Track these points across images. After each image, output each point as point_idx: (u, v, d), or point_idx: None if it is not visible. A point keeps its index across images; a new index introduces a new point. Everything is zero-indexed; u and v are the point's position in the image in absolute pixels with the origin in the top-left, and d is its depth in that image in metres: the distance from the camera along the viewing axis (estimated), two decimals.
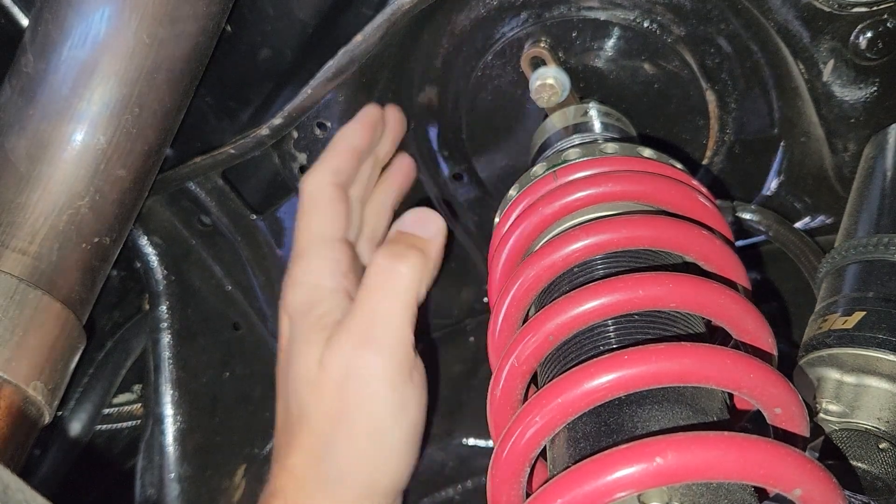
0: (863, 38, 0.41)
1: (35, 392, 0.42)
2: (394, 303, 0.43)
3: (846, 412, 0.35)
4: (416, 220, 0.46)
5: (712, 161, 0.52)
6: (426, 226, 0.46)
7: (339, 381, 0.43)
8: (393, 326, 0.43)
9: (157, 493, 0.57)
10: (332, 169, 0.49)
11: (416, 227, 0.46)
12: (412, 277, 0.43)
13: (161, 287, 0.58)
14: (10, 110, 0.44)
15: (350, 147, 0.50)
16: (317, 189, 0.48)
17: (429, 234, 0.45)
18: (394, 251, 0.44)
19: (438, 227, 0.46)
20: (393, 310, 0.43)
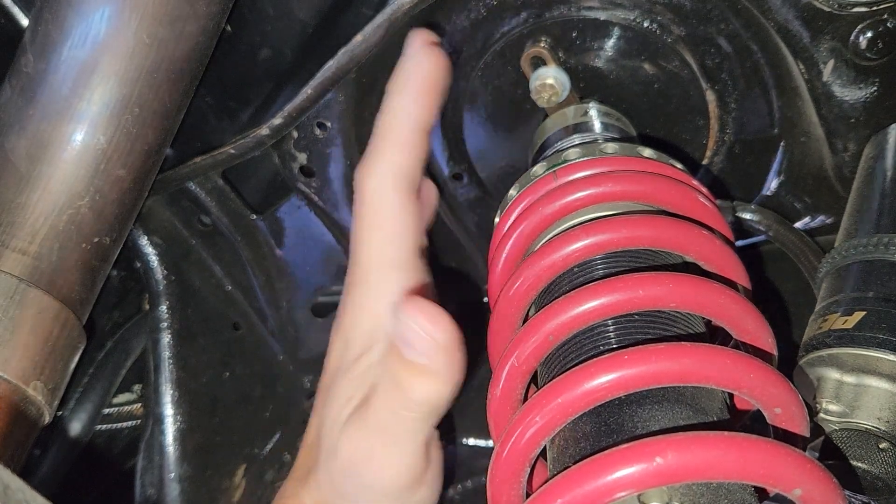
0: (863, 38, 0.41)
1: (35, 392, 0.42)
2: (397, 453, 0.38)
3: (846, 412, 0.35)
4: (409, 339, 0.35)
5: (712, 161, 0.52)
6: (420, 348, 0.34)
7: (349, 465, 0.39)
8: (396, 469, 0.38)
9: (157, 493, 0.57)
10: (396, 166, 0.40)
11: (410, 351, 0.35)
12: (418, 417, 0.37)
13: (161, 287, 0.58)
14: (10, 110, 0.44)
15: (412, 127, 0.39)
16: (379, 196, 0.39)
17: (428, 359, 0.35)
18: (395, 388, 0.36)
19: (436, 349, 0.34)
20: (396, 459, 0.38)
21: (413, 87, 0.40)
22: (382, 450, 0.38)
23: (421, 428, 0.37)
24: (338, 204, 0.56)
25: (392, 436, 0.37)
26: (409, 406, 0.36)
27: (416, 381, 0.35)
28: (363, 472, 0.39)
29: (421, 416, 0.36)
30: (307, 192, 0.56)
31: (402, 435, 0.37)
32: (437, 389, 0.35)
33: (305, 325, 0.64)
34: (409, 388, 0.35)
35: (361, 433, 0.38)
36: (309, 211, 0.58)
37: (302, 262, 0.62)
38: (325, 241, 0.61)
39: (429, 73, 0.40)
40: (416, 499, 0.40)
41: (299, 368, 0.66)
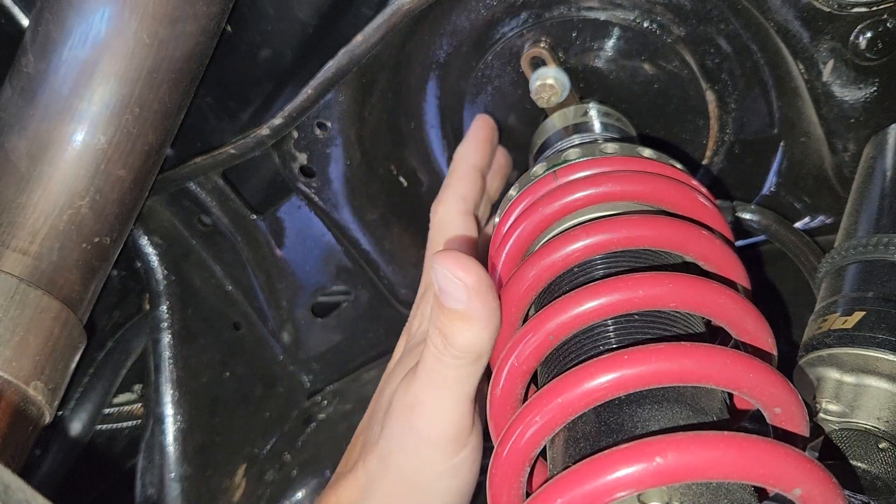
0: (862, 38, 0.41)
1: (35, 392, 0.42)
2: (444, 384, 0.39)
3: (846, 412, 0.35)
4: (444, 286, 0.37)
5: (712, 161, 0.52)
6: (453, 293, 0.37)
7: (394, 435, 0.42)
8: (443, 401, 0.39)
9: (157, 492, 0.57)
10: (460, 196, 0.49)
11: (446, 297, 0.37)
12: (455, 366, 0.38)
13: (161, 287, 0.58)
14: (11, 110, 0.44)
15: (471, 167, 0.50)
16: (447, 218, 0.48)
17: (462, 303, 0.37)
18: (438, 333, 0.38)
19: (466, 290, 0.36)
20: (444, 388, 0.39)
21: (473, 139, 0.51)
22: (431, 395, 0.40)
23: (466, 377, 0.39)
24: (338, 204, 0.56)
25: (440, 383, 0.40)
26: (453, 352, 0.38)
27: (455, 326, 0.37)
28: (414, 418, 0.40)
29: (465, 362, 0.38)
30: (307, 192, 0.56)
31: (449, 382, 0.39)
32: (475, 333, 0.37)
33: (305, 325, 0.64)
34: (451, 334, 0.38)
35: (412, 385, 0.41)
36: (309, 211, 0.58)
37: (302, 262, 0.62)
38: (325, 242, 0.61)
39: (484, 131, 0.52)
40: (460, 457, 0.41)
41: (299, 368, 0.66)
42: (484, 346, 0.38)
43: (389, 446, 0.42)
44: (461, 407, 0.40)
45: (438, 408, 0.40)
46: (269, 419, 0.64)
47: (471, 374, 0.39)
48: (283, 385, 0.66)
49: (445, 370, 0.39)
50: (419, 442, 0.40)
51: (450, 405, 0.40)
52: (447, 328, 0.38)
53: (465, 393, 0.40)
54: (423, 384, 0.40)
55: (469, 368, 0.39)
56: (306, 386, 0.67)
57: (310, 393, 0.67)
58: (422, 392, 0.40)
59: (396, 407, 0.41)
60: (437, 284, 0.38)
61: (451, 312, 0.37)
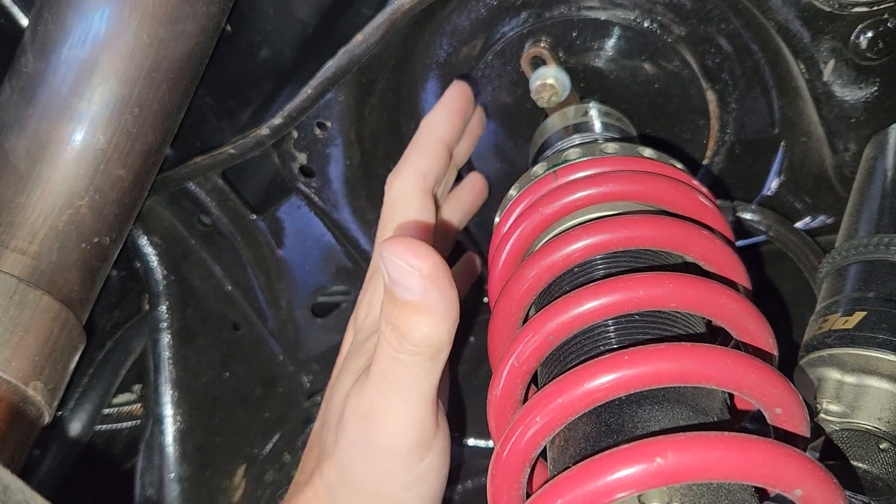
0: (863, 37, 0.41)
1: (35, 392, 0.42)
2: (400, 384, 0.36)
3: (847, 412, 0.35)
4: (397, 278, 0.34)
5: (713, 161, 0.52)
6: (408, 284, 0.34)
7: (353, 441, 0.38)
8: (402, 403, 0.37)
9: (156, 493, 0.57)
10: (418, 170, 0.44)
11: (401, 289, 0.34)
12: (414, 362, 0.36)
13: (161, 287, 0.58)
14: (10, 110, 0.44)
15: (437, 141, 0.45)
16: (401, 194, 0.44)
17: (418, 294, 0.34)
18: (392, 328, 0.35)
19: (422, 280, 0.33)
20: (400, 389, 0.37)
21: (444, 108, 0.47)
22: (388, 401, 0.36)
23: (425, 375, 0.36)
24: (338, 204, 0.56)
25: (397, 387, 0.36)
26: (409, 349, 0.35)
27: (411, 319, 0.34)
28: (371, 430, 0.37)
29: (423, 360, 0.35)
30: (307, 192, 0.56)
31: (407, 384, 0.36)
32: (433, 326, 0.34)
33: (305, 325, 0.64)
34: (406, 329, 0.34)
35: (366, 391, 0.37)
36: (309, 211, 0.58)
37: (302, 262, 0.62)
38: (325, 241, 0.61)
39: (458, 100, 0.47)
40: (424, 464, 0.38)
41: (299, 368, 0.66)
42: (443, 339, 0.35)
43: (347, 458, 0.39)
44: (422, 410, 0.36)
45: (397, 416, 0.36)
46: (269, 419, 0.64)
47: (430, 371, 0.36)
48: (283, 385, 0.65)
49: (402, 370, 0.35)
50: (378, 454, 0.37)
51: (409, 411, 0.36)
52: (401, 323, 0.34)
53: (426, 394, 0.36)
54: (377, 389, 0.37)
55: (428, 366, 0.36)
56: (306, 386, 0.67)
57: (310, 393, 0.67)
58: (377, 399, 0.37)
59: (350, 417, 0.38)
60: (387, 275, 0.34)
61: (406, 305, 0.34)
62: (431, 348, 0.35)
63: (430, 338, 0.35)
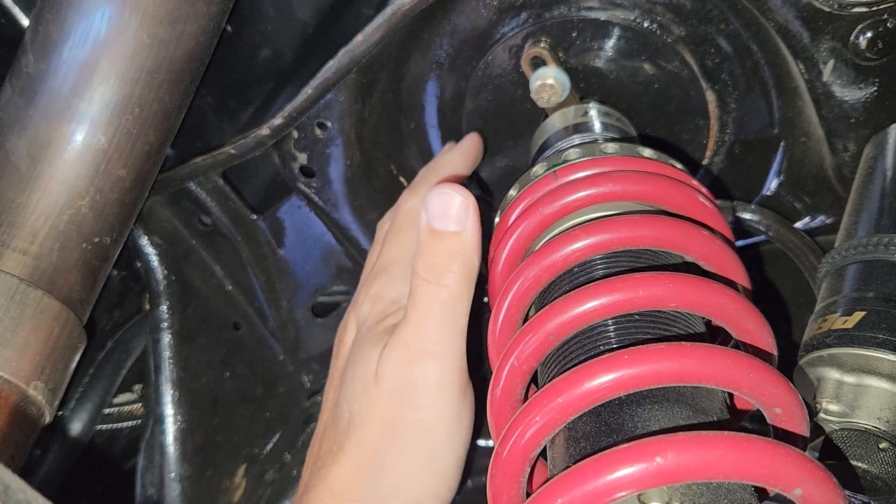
0: (863, 38, 0.41)
1: (36, 392, 0.42)
2: (445, 318, 0.41)
3: (846, 412, 0.35)
4: (442, 210, 0.40)
5: (712, 161, 0.52)
6: (453, 214, 0.40)
7: (394, 392, 0.41)
8: (445, 340, 0.40)
9: (157, 492, 0.57)
10: None
11: (447, 221, 0.40)
12: (459, 290, 0.40)
13: (161, 287, 0.58)
14: (11, 110, 0.44)
15: (453, 175, 0.51)
16: (414, 210, 0.48)
17: (459, 224, 0.40)
18: (433, 262, 0.40)
19: (466, 209, 0.41)
20: (445, 325, 0.40)
21: (463, 149, 0.52)
22: (435, 335, 0.40)
23: (464, 308, 0.40)
24: (338, 204, 0.56)
25: (440, 320, 0.40)
26: (452, 276, 0.40)
27: (451, 249, 0.40)
28: (418, 368, 0.40)
29: (461, 287, 0.40)
30: (307, 192, 0.56)
31: (447, 315, 0.40)
32: (471, 254, 0.40)
33: (306, 325, 0.64)
34: (448, 260, 0.40)
35: (407, 335, 0.41)
36: (309, 211, 0.58)
37: (302, 262, 0.62)
38: (325, 241, 0.61)
39: (475, 146, 0.53)
40: (466, 405, 0.41)
41: (299, 368, 0.66)
42: (476, 264, 0.41)
43: (392, 407, 0.41)
44: (461, 341, 0.40)
45: (443, 344, 0.40)
46: (270, 419, 0.64)
47: (465, 301, 0.40)
48: (284, 385, 0.66)
49: (445, 300, 0.40)
50: (429, 387, 0.40)
51: (452, 339, 0.40)
52: (441, 256, 0.39)
53: (462, 326, 0.41)
54: (421, 331, 0.40)
55: (465, 294, 0.40)
56: (306, 386, 0.67)
57: (310, 393, 0.67)
58: (423, 339, 0.40)
59: (390, 361, 0.41)
60: (430, 212, 0.40)
61: (447, 236, 0.40)
62: (470, 277, 0.40)
63: (468, 266, 0.40)
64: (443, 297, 0.40)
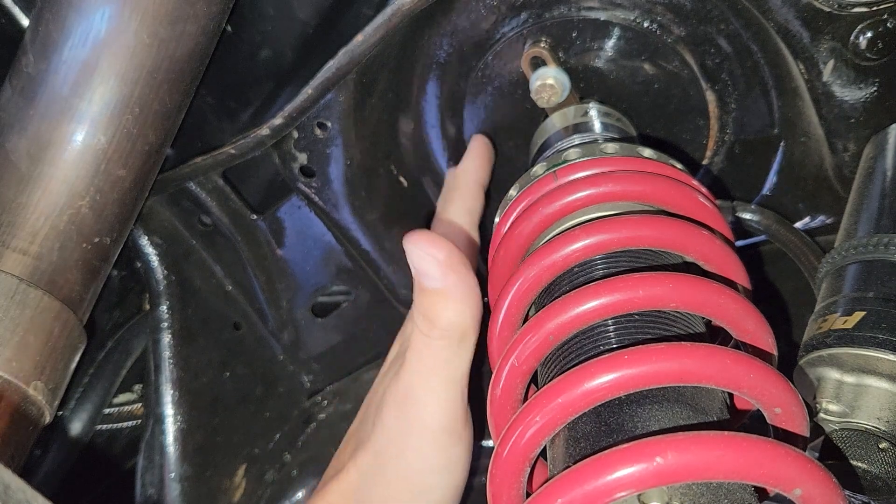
0: (863, 38, 0.41)
1: (36, 392, 0.42)
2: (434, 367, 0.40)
3: (846, 412, 0.35)
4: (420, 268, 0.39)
5: (712, 161, 0.52)
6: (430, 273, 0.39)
7: (388, 430, 0.42)
8: (436, 388, 0.40)
9: (157, 492, 0.57)
10: (466, 209, 0.51)
11: (426, 278, 0.39)
12: (445, 344, 0.40)
13: (161, 287, 0.58)
14: (11, 110, 0.44)
15: (476, 183, 0.52)
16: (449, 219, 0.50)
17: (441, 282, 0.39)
18: (422, 316, 0.40)
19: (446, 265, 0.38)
20: (435, 373, 0.40)
21: (474, 156, 0.52)
22: (421, 379, 0.40)
23: (454, 359, 0.40)
24: (338, 204, 0.56)
25: (430, 366, 0.40)
26: (438, 333, 0.39)
27: (437, 306, 0.39)
28: (406, 410, 0.41)
29: (451, 343, 0.39)
30: (307, 192, 0.56)
31: (439, 364, 0.40)
32: (456, 311, 0.39)
33: (306, 325, 0.64)
34: (434, 315, 0.39)
35: (402, 376, 0.41)
36: (309, 211, 0.58)
37: (302, 262, 0.62)
38: (325, 242, 0.61)
39: (484, 148, 0.53)
40: (455, 451, 0.41)
41: (299, 368, 0.66)
42: (467, 323, 0.39)
43: (383, 441, 0.42)
44: (452, 391, 0.40)
45: (430, 392, 0.40)
46: (270, 419, 0.64)
47: (459, 355, 0.40)
48: (284, 385, 0.66)
49: (434, 352, 0.39)
50: (413, 431, 0.41)
51: (441, 389, 0.40)
52: (429, 309, 0.38)
53: (455, 379, 0.40)
54: (413, 372, 0.40)
55: (456, 349, 0.39)
56: (306, 386, 0.67)
57: (310, 393, 0.67)
58: (412, 378, 0.40)
59: (388, 399, 0.42)
60: (413, 266, 0.39)
61: (431, 293, 0.39)
62: (458, 331, 0.39)
63: (454, 322, 0.39)
64: (433, 349, 0.40)
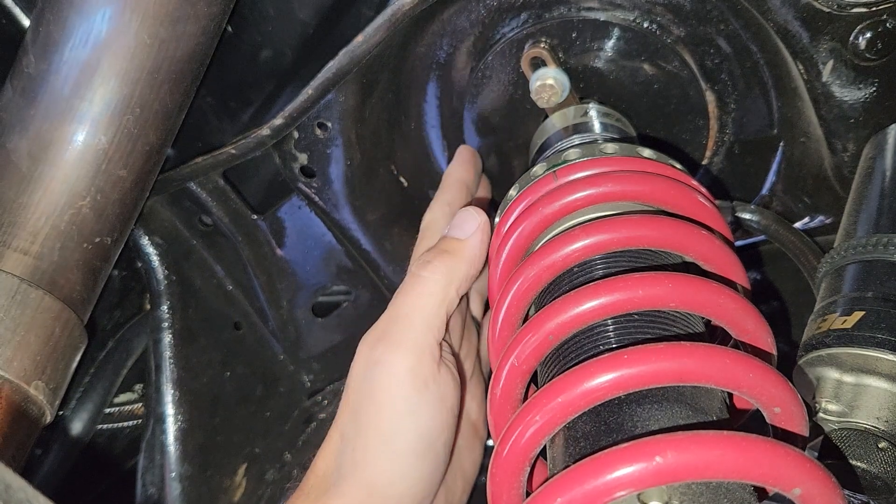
0: (862, 38, 0.41)
1: (37, 391, 0.42)
2: (415, 306, 0.43)
3: (845, 411, 0.35)
4: (457, 222, 0.46)
5: (712, 161, 0.52)
6: (464, 226, 0.45)
7: (361, 377, 0.43)
8: (412, 329, 0.42)
9: (158, 492, 0.57)
10: (445, 202, 0.52)
11: (456, 230, 0.45)
12: (436, 282, 0.43)
13: (162, 287, 0.58)
14: (12, 111, 0.44)
15: (457, 180, 0.53)
16: (433, 221, 0.51)
17: (465, 233, 0.45)
18: (424, 258, 0.44)
19: (477, 225, 0.45)
20: (413, 313, 0.43)
21: (457, 160, 0.54)
22: (401, 319, 0.43)
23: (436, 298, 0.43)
24: (338, 204, 0.57)
25: (411, 306, 0.43)
26: (432, 268, 0.43)
27: (448, 249, 0.44)
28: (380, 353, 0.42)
29: (440, 285, 0.43)
30: (308, 192, 0.56)
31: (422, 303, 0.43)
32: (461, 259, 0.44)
33: (306, 325, 0.64)
34: (441, 251, 0.44)
35: (380, 320, 0.44)
36: (310, 211, 0.59)
37: (303, 261, 0.62)
38: (325, 241, 0.61)
39: (467, 154, 0.55)
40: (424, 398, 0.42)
41: (300, 368, 0.66)
42: (460, 276, 0.43)
43: (355, 391, 0.43)
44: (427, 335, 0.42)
45: (405, 331, 0.42)
46: (270, 419, 0.64)
47: (442, 299, 0.42)
48: (284, 385, 0.66)
49: (423, 288, 0.43)
50: (382, 373, 0.42)
51: (418, 328, 0.42)
52: (437, 250, 0.44)
53: (433, 321, 0.42)
54: (395, 309, 0.43)
55: (442, 293, 0.42)
56: (307, 385, 0.67)
57: (310, 392, 0.67)
58: (392, 314, 0.43)
59: (363, 347, 0.43)
60: (452, 223, 0.45)
61: (451, 240, 0.44)
62: (455, 276, 0.43)
63: (457, 267, 0.43)
64: (419, 288, 0.43)
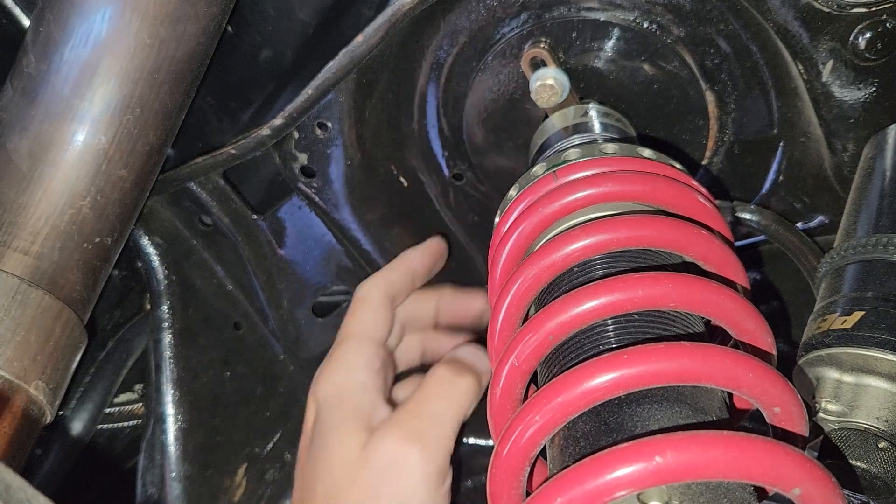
0: (862, 38, 0.41)
1: (37, 391, 0.42)
2: (448, 409, 0.46)
3: (845, 411, 0.35)
4: (472, 354, 0.49)
5: (712, 161, 0.52)
6: (480, 361, 0.49)
7: (380, 470, 0.44)
8: (442, 430, 0.45)
9: (158, 492, 0.57)
10: (386, 280, 0.54)
11: (474, 360, 0.49)
12: (468, 392, 0.47)
13: (162, 287, 0.58)
14: (12, 111, 0.44)
15: (408, 268, 0.55)
16: (367, 293, 0.53)
17: (482, 368, 0.48)
18: (456, 368, 0.48)
19: (487, 367, 0.48)
20: (446, 415, 0.46)
21: (421, 248, 0.57)
22: (420, 451, 0.44)
23: (453, 425, 0.45)
24: (338, 204, 0.57)
25: (426, 437, 0.45)
26: (453, 397, 0.46)
27: (469, 373, 0.47)
28: (389, 483, 0.44)
29: (456, 413, 0.45)
30: (308, 192, 0.56)
31: (436, 434, 0.45)
32: (477, 387, 0.47)
33: (306, 325, 0.64)
34: (464, 376, 0.47)
35: (398, 437, 0.45)
36: (310, 211, 0.59)
37: (303, 261, 0.62)
38: (325, 241, 0.61)
39: (434, 246, 0.57)
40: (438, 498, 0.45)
41: (300, 368, 0.66)
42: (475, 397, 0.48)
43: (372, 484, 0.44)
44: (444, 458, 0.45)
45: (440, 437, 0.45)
46: (270, 418, 0.64)
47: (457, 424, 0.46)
48: (284, 384, 0.66)
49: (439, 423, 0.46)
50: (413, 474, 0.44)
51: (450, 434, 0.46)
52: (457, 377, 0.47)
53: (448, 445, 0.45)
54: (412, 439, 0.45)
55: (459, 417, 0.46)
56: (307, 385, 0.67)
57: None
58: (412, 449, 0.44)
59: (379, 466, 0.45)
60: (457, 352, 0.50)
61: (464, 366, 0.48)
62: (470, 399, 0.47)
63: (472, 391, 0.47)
64: (453, 394, 0.46)
